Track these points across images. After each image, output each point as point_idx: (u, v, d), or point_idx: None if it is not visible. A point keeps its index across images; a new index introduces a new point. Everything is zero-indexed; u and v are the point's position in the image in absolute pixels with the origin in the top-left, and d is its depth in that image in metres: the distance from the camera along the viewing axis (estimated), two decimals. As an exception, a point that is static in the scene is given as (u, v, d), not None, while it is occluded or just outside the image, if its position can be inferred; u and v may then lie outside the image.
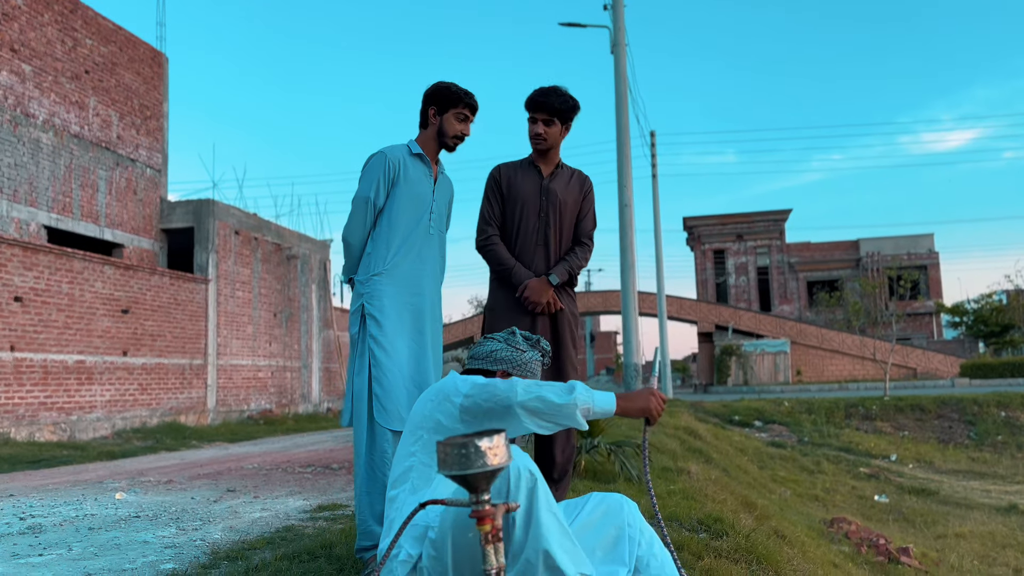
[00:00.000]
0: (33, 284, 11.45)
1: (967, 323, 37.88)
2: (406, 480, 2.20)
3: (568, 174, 3.44)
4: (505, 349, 2.37)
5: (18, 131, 12.80)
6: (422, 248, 3.10)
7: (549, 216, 3.34)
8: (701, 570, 3.17)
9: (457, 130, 3.11)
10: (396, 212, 3.06)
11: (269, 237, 18.43)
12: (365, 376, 2.94)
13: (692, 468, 6.48)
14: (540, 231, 3.33)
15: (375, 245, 3.06)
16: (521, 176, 3.39)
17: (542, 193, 3.35)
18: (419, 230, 3.10)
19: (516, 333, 2.42)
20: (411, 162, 3.11)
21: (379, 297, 2.99)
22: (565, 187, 3.39)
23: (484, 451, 1.67)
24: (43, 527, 4.16)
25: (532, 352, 2.39)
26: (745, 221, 43.65)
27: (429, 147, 3.16)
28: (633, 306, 13.25)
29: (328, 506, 4.83)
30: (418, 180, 3.10)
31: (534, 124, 3.32)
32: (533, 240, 3.33)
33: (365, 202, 3.04)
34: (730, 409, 19.62)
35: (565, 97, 3.29)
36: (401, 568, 2.08)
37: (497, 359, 2.37)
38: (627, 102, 13.66)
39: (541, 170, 3.39)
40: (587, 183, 3.48)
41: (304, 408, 19.53)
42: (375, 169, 3.06)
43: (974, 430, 18.30)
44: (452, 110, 3.10)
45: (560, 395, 2.10)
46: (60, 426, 11.74)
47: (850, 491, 12.21)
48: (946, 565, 7.83)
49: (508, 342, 2.39)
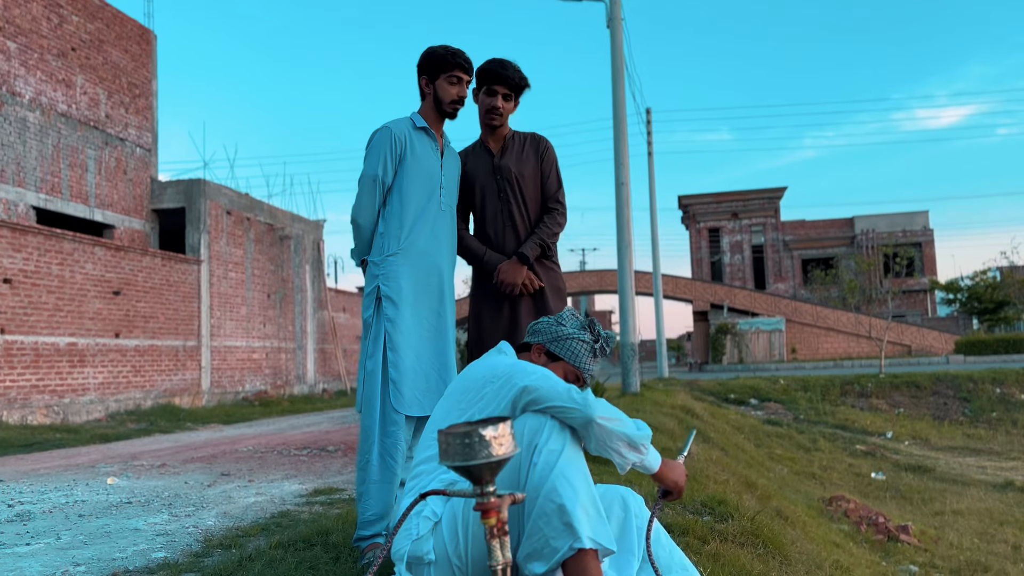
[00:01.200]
0: (22, 266, 11.29)
1: (961, 300, 37.93)
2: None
3: (520, 143, 3.21)
4: (552, 325, 2.31)
5: (4, 110, 12.57)
6: (435, 225, 2.98)
7: (508, 195, 3.13)
8: (707, 554, 3.10)
9: (452, 95, 2.96)
10: (407, 189, 2.93)
11: (261, 217, 18.25)
12: (379, 360, 2.82)
13: (691, 448, 6.41)
14: (504, 212, 3.13)
15: (387, 224, 2.93)
16: (473, 161, 3.19)
17: (495, 172, 3.15)
18: (431, 207, 2.97)
19: (571, 313, 2.37)
20: (416, 136, 2.98)
21: (395, 278, 2.87)
22: (519, 158, 3.17)
23: (489, 440, 1.57)
24: (32, 514, 4.07)
25: (580, 332, 2.30)
26: (740, 199, 43.53)
27: (431, 119, 3.02)
28: (630, 286, 13.16)
29: (324, 490, 4.75)
30: (425, 155, 2.98)
31: (491, 97, 3.08)
32: (500, 223, 3.14)
33: (373, 180, 2.91)
34: (726, 387, 19.62)
35: (521, 72, 3.09)
36: (424, 524, 2.03)
37: (536, 330, 2.32)
38: (623, 78, 13.48)
39: (491, 148, 3.20)
40: (542, 144, 3.24)
41: (299, 389, 19.46)
42: (381, 145, 2.92)
43: (969, 407, 18.34)
44: (443, 75, 2.96)
45: (634, 429, 2.03)
46: (53, 409, 11.63)
47: (847, 468, 12.21)
48: (945, 542, 7.81)
49: (558, 320, 2.32)
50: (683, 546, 3.16)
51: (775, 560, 3.37)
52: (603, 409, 2.00)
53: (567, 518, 1.86)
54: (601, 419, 1.98)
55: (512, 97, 3.11)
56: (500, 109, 3.08)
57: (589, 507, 1.90)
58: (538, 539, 1.90)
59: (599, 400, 2.03)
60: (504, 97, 3.08)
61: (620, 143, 13.17)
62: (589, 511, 1.90)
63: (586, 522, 1.88)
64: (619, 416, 2.02)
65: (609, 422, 1.99)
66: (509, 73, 3.05)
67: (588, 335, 2.30)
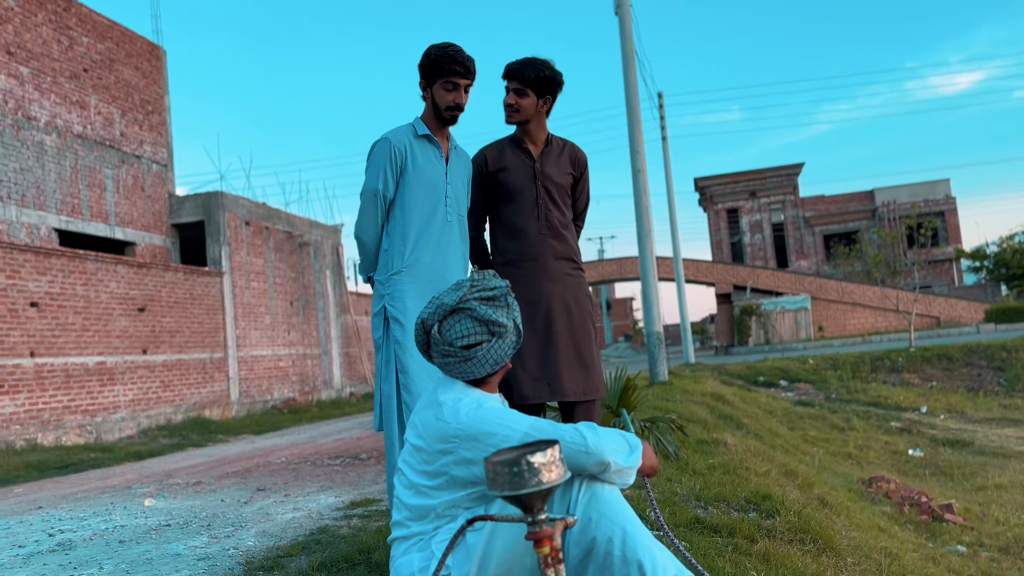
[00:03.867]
0: (48, 288, 11.38)
1: (988, 267, 37.36)
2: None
3: (558, 150, 3.09)
4: (451, 351, 1.99)
5: (21, 135, 12.67)
6: (441, 238, 2.88)
7: (547, 202, 3.01)
8: (757, 555, 3.02)
9: (448, 101, 2.85)
10: (409, 202, 2.84)
11: (280, 226, 18.31)
12: (393, 382, 2.78)
13: (728, 439, 6.32)
14: (541, 219, 2.99)
15: (391, 240, 2.85)
16: (509, 158, 3.04)
17: (536, 178, 3.01)
18: (436, 219, 2.87)
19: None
20: (418, 145, 2.87)
21: (401, 298, 2.80)
22: (557, 166, 3.06)
23: (538, 468, 1.51)
24: (73, 543, 4.07)
25: (478, 332, 2.00)
26: (757, 178, 43.08)
27: (433, 124, 2.91)
28: (652, 273, 13.04)
29: (361, 502, 4.72)
30: (428, 164, 2.87)
31: (506, 93, 2.98)
32: (537, 229, 2.98)
33: (374, 195, 2.83)
34: (754, 370, 19.44)
35: (542, 68, 2.95)
36: None
37: (445, 365, 2.02)
38: (634, 65, 13.34)
39: (530, 150, 3.05)
40: (580, 158, 3.13)
41: (327, 394, 19.53)
42: (380, 158, 2.84)
43: (1004, 376, 18.04)
44: (438, 81, 2.84)
45: (627, 458, 1.90)
46: (86, 428, 11.74)
47: (883, 447, 12.03)
48: (991, 519, 7.66)
49: (447, 342, 2.00)
50: (731, 547, 3.09)
51: (827, 557, 3.29)
52: (608, 443, 1.88)
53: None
54: (613, 460, 1.86)
55: (527, 93, 2.96)
56: (514, 105, 2.96)
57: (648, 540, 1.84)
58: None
59: (594, 429, 1.89)
60: (516, 92, 2.95)
61: (634, 131, 13.05)
62: (650, 545, 1.83)
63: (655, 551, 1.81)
64: (616, 442, 1.90)
65: (615, 454, 1.87)
66: (521, 68, 2.93)
67: (482, 328, 1.99)
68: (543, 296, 2.94)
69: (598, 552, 1.81)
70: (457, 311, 2.00)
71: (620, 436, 1.93)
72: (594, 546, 1.81)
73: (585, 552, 1.83)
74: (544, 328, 2.89)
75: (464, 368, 2.00)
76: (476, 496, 1.95)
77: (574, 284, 3.03)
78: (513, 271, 2.95)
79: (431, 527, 1.99)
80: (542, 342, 2.87)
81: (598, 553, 1.81)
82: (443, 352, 2.00)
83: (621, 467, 1.89)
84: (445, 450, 1.92)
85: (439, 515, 1.98)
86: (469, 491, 1.94)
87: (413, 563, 1.98)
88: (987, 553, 6.48)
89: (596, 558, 1.81)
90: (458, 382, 2.02)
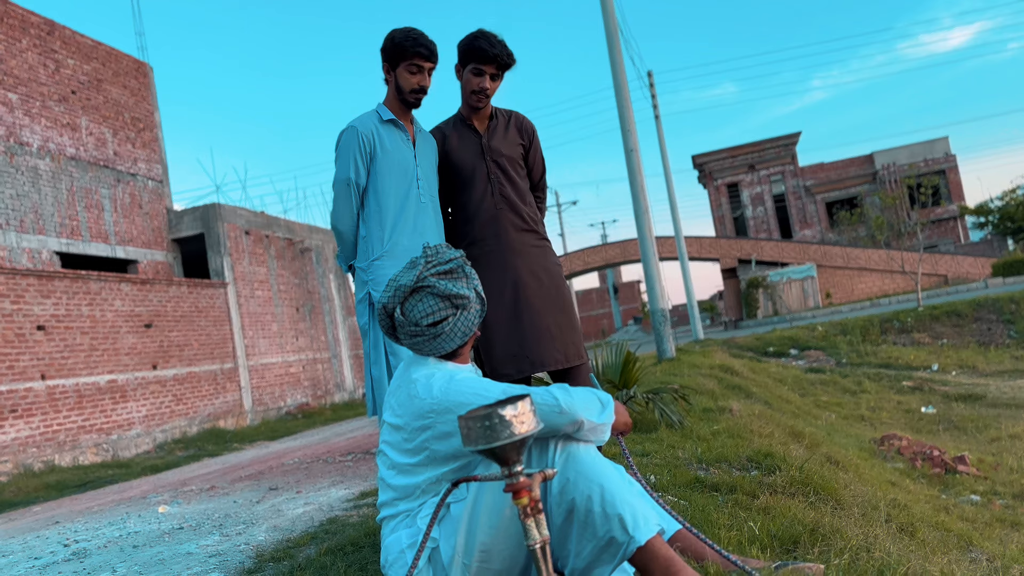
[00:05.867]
0: (53, 311, 11.46)
1: (993, 222, 37.12)
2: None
3: (504, 122, 3.03)
4: (417, 330, 2.02)
5: (15, 161, 12.74)
6: (417, 220, 2.89)
7: (500, 177, 2.97)
8: (757, 509, 3.04)
9: (413, 84, 2.85)
10: (382, 188, 2.86)
11: (280, 233, 18.37)
12: (383, 366, 2.80)
13: (734, 406, 6.34)
14: (497, 194, 2.96)
15: (368, 227, 2.87)
16: (458, 141, 3.00)
17: (484, 154, 2.98)
18: (410, 203, 2.88)
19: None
20: (384, 130, 2.88)
21: (384, 282, 2.82)
22: (505, 139, 3.02)
23: (509, 420, 1.54)
24: (88, 551, 4.12)
25: (441, 307, 2.04)
26: (755, 150, 42.92)
27: (396, 108, 2.92)
28: (652, 252, 13.04)
29: (370, 492, 4.76)
30: (396, 148, 2.88)
31: (479, 78, 2.90)
32: (493, 205, 2.95)
33: (347, 184, 2.85)
34: (763, 341, 19.43)
35: (508, 49, 2.93)
36: (411, 554, 1.96)
37: (414, 345, 2.06)
38: (619, 43, 13.30)
39: (476, 127, 3.01)
40: (528, 126, 3.09)
41: (340, 397, 19.62)
42: (348, 146, 2.84)
43: (1014, 329, 17.99)
44: (402, 64, 2.84)
45: (600, 415, 1.92)
46: (102, 447, 11.83)
47: (895, 407, 12.03)
48: (1005, 468, 7.65)
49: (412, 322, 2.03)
50: (732, 503, 3.11)
51: (827, 506, 3.31)
52: (581, 402, 1.89)
53: (613, 513, 1.80)
54: (586, 418, 1.88)
55: (499, 76, 2.95)
56: (489, 91, 2.94)
57: (627, 494, 1.85)
58: (590, 549, 1.83)
59: (566, 389, 1.90)
60: (492, 77, 2.93)
61: (624, 110, 13.02)
62: (629, 499, 1.84)
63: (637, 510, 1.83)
64: (588, 400, 1.91)
65: (588, 412, 1.89)
66: (497, 51, 2.89)
67: (445, 303, 2.02)
68: (509, 271, 2.91)
69: (579, 511, 1.82)
70: (417, 290, 2.02)
71: (592, 394, 1.95)
72: (574, 506, 1.82)
73: (567, 513, 1.84)
74: (514, 302, 2.88)
75: (434, 345, 2.02)
76: (459, 469, 1.97)
77: (540, 254, 2.99)
78: (476, 251, 2.93)
79: (416, 504, 2.02)
80: (514, 316, 2.86)
81: (579, 512, 1.82)
82: (410, 333, 2.02)
83: (595, 424, 1.90)
84: (423, 426, 1.94)
85: (424, 491, 2.01)
86: (452, 466, 1.96)
87: (401, 540, 2.01)
88: (1001, 501, 6.48)
89: (578, 517, 1.82)
90: (429, 358, 2.04)
